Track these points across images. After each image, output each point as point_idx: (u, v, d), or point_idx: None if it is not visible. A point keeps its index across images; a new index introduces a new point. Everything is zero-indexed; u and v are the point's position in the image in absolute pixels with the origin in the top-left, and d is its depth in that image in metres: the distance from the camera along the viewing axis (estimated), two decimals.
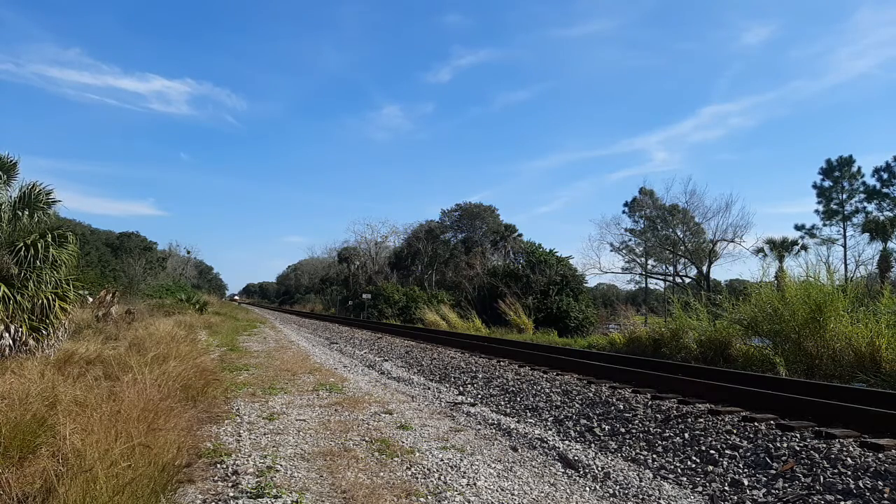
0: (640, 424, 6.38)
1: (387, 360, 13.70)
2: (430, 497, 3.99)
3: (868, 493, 4.10)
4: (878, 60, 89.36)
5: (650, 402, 7.07)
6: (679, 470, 5.09)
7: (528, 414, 7.57)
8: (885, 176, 38.80)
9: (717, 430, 5.73)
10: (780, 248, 34.42)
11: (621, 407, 7.06)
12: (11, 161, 9.46)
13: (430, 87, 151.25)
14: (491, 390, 9.17)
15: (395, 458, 4.89)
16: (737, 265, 42.09)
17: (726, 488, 4.61)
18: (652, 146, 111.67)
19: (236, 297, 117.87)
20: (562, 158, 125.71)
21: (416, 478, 4.40)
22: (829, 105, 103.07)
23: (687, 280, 37.92)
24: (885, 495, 4.04)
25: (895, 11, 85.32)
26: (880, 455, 4.60)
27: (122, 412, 4.25)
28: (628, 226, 42.70)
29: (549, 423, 7.03)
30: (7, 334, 8.32)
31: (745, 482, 4.63)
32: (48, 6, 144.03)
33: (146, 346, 9.25)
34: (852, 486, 4.21)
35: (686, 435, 5.80)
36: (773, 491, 4.42)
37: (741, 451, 5.20)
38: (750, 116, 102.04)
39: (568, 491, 4.48)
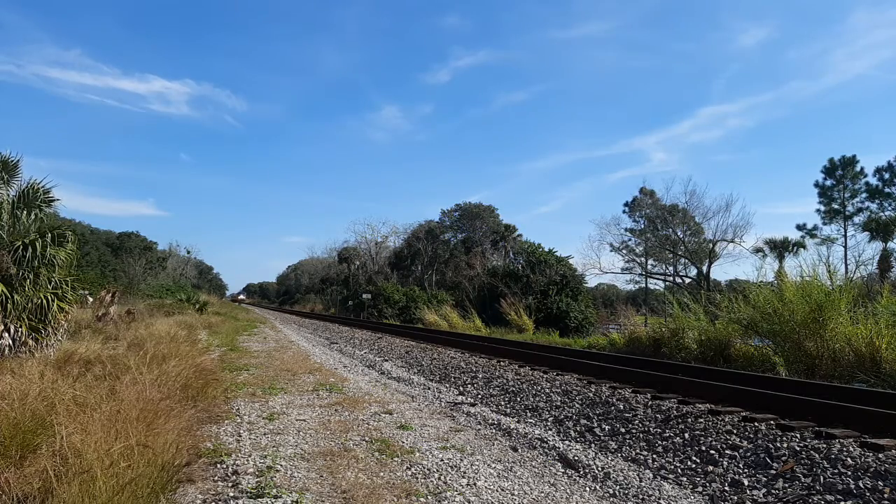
0: (640, 424, 6.37)
1: (387, 360, 13.69)
2: (430, 497, 3.99)
3: (868, 494, 4.10)
4: (874, 62, 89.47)
5: (650, 402, 7.07)
6: (679, 470, 5.09)
7: (529, 414, 7.57)
8: (887, 175, 38.77)
9: (717, 430, 5.73)
10: (781, 248, 34.39)
11: (621, 407, 7.05)
12: (13, 161, 9.46)
13: (429, 88, 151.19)
14: (491, 390, 9.17)
15: (396, 458, 4.89)
16: (737, 265, 42.04)
17: (726, 488, 4.60)
18: (650, 147, 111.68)
19: (240, 297, 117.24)
20: (561, 159, 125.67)
21: (416, 478, 4.40)
22: (827, 106, 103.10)
23: (687, 280, 37.93)
24: (886, 495, 4.03)
25: (891, 13, 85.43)
26: (880, 455, 4.60)
27: (122, 412, 4.24)
28: (628, 226, 42.64)
29: (549, 423, 7.03)
30: (7, 334, 8.32)
31: (746, 482, 4.63)
32: (48, 8, 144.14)
33: (146, 346, 9.24)
34: (852, 487, 4.21)
35: (686, 435, 5.79)
36: (773, 491, 4.42)
37: (741, 451, 5.20)
38: (748, 117, 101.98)
39: (568, 491, 4.48)
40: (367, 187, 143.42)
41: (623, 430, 6.34)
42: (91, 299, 18.01)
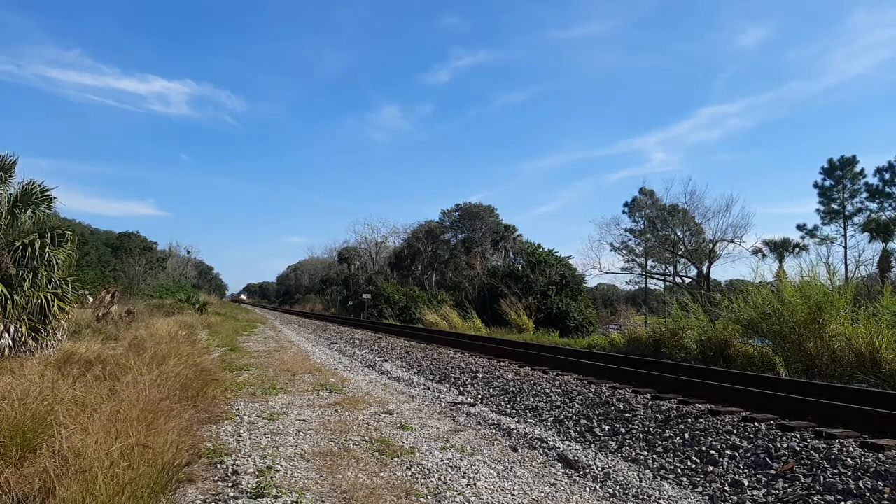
0: (640, 425, 6.37)
1: (387, 361, 13.69)
2: (430, 497, 3.99)
3: (868, 494, 4.10)
4: (874, 62, 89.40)
5: (650, 403, 7.07)
6: (679, 470, 5.09)
7: (528, 414, 7.57)
8: (887, 175, 38.76)
9: (718, 431, 5.73)
10: (781, 248, 34.40)
11: (621, 407, 7.05)
12: (10, 160, 9.46)
13: (429, 88, 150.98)
14: (491, 390, 9.17)
15: (395, 459, 4.89)
16: (737, 265, 42.09)
17: (726, 488, 4.60)
18: (650, 147, 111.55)
19: (241, 297, 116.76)
20: (561, 159, 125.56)
21: (416, 478, 4.40)
22: (827, 106, 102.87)
23: (687, 280, 37.93)
24: (886, 495, 4.03)
25: (890, 13, 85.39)
26: (880, 455, 4.60)
27: (122, 412, 4.24)
28: (628, 226, 42.62)
29: (549, 424, 7.03)
30: (7, 334, 8.32)
31: (746, 482, 4.63)
32: (49, 8, 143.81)
33: (146, 347, 9.25)
34: (852, 487, 4.21)
35: (686, 435, 5.80)
36: (773, 491, 4.42)
37: (741, 451, 5.20)
38: (747, 117, 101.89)
39: (568, 491, 4.48)
40: (366, 187, 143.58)
41: (623, 430, 6.34)
42: (91, 299, 18.01)
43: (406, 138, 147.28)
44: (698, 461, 5.20)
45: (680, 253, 38.42)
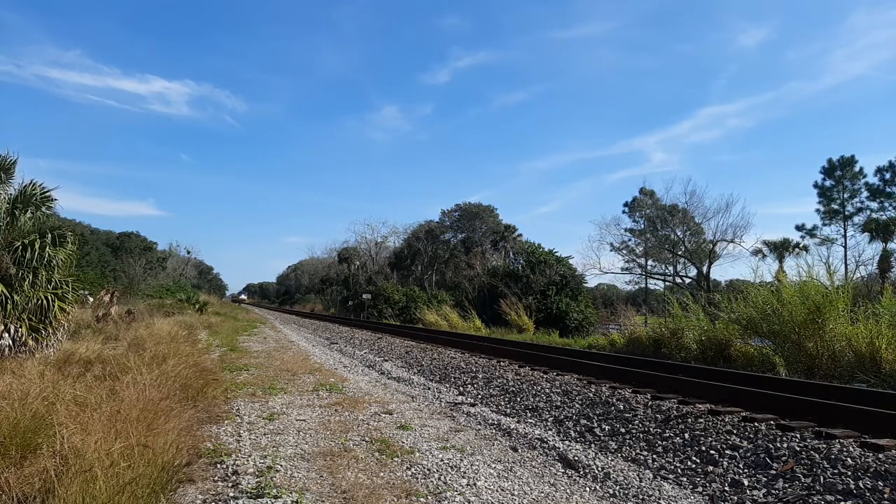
0: (640, 425, 6.38)
1: (387, 361, 13.69)
2: (430, 497, 3.99)
3: (868, 494, 4.10)
4: (873, 62, 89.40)
5: (650, 403, 7.07)
6: (679, 470, 5.09)
7: (529, 414, 7.57)
8: (888, 175, 38.77)
9: (718, 431, 5.73)
10: (781, 248, 34.42)
11: (621, 407, 7.05)
12: (10, 160, 9.46)
13: (429, 89, 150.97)
14: (491, 390, 9.17)
15: (396, 459, 4.89)
16: (737, 266, 42.16)
17: (726, 488, 4.60)
18: (650, 147, 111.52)
19: (242, 297, 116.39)
20: (561, 159, 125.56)
21: (416, 478, 4.40)
22: (827, 106, 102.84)
23: (687, 280, 37.92)
24: (886, 495, 4.04)
25: (890, 14, 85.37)
26: (880, 455, 4.60)
27: (122, 412, 4.25)
28: (628, 226, 42.65)
29: (549, 424, 7.03)
30: (7, 334, 8.32)
31: (746, 482, 4.63)
32: (49, 8, 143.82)
33: (146, 347, 9.25)
34: (852, 487, 4.21)
35: (686, 435, 5.80)
36: (773, 491, 4.42)
37: (741, 451, 5.20)
38: (747, 118, 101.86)
39: (568, 491, 4.48)
40: (366, 187, 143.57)
41: (623, 430, 6.34)
42: (91, 299, 18.03)
43: (406, 138, 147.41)
44: (698, 461, 5.20)
45: (680, 253, 38.42)
